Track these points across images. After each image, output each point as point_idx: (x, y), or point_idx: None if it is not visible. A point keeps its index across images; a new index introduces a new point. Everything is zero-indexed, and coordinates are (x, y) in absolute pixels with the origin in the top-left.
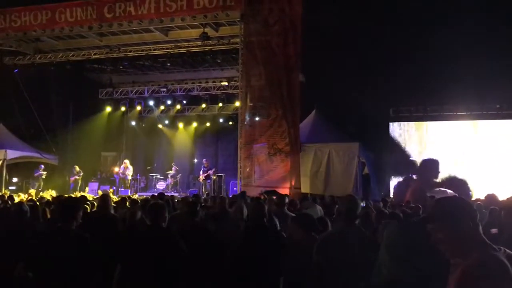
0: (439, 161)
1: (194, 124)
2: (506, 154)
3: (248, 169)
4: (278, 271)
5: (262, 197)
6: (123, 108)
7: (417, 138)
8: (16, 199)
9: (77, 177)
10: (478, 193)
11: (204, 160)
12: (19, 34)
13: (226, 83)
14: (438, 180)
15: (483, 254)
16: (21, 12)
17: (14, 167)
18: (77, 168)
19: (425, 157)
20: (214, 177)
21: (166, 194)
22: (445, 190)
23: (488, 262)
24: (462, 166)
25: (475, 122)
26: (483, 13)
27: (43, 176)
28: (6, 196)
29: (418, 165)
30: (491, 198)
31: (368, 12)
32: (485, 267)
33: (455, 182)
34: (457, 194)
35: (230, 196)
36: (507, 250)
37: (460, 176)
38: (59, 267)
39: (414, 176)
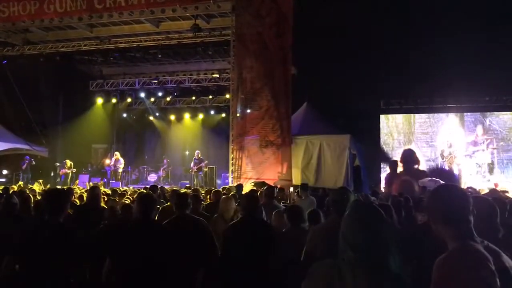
0: (413, 150)
1: (186, 116)
2: (496, 146)
3: (239, 162)
4: (267, 263)
5: (255, 188)
6: (114, 100)
7: (406, 129)
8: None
9: (67, 171)
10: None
11: (197, 151)
12: (7, 25)
13: (217, 75)
14: (426, 170)
15: (459, 244)
16: (10, 2)
17: (4, 159)
18: (68, 163)
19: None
20: (206, 169)
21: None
22: (437, 180)
23: (462, 252)
24: (449, 158)
25: (463, 115)
26: (474, 9)
27: (33, 163)
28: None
29: (400, 156)
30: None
31: (360, 5)
32: (459, 257)
33: (444, 173)
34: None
35: (221, 188)
36: (490, 244)
37: (447, 167)
38: (46, 260)
39: (399, 165)
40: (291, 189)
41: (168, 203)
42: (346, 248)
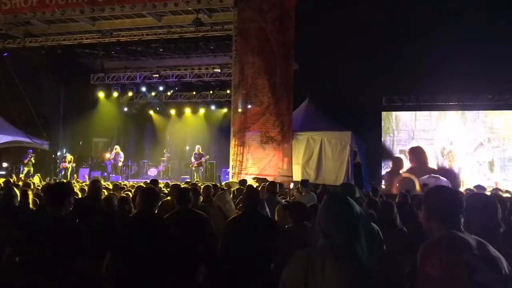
0: (422, 148)
1: (187, 111)
2: (497, 145)
3: (240, 157)
4: (269, 258)
5: (256, 184)
6: (115, 94)
7: (407, 127)
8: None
9: (67, 165)
10: (466, 184)
11: (197, 147)
12: (9, 17)
13: (219, 70)
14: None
15: (445, 232)
16: None
17: (4, 152)
18: (68, 157)
19: (413, 146)
20: (206, 164)
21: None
22: (438, 176)
23: (446, 238)
24: (449, 156)
25: (465, 113)
26: (478, 6)
27: (32, 160)
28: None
29: (408, 153)
30: None
31: (362, 2)
32: (443, 242)
33: (444, 171)
34: (449, 181)
35: (223, 183)
36: (478, 237)
37: (447, 165)
38: (47, 252)
39: (409, 164)
40: (292, 185)
41: (168, 198)
42: (319, 235)
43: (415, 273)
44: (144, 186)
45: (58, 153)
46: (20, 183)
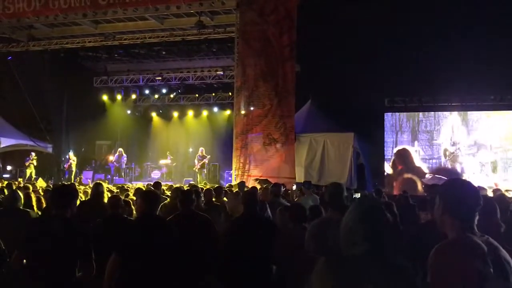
0: (407, 149)
1: (189, 113)
2: (499, 145)
3: (243, 159)
4: (269, 260)
5: (259, 185)
6: (118, 97)
7: (410, 128)
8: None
9: (72, 162)
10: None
11: (200, 149)
12: (12, 21)
13: (221, 72)
14: (426, 167)
15: (458, 235)
16: None
17: (8, 155)
18: (71, 155)
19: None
20: (209, 166)
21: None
22: (440, 177)
23: (460, 242)
24: (452, 157)
25: (467, 113)
26: (479, 6)
27: (34, 163)
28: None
29: (394, 156)
30: None
31: (363, 4)
32: (456, 246)
33: (447, 172)
34: None
35: (226, 185)
36: (490, 238)
37: (450, 166)
38: (52, 255)
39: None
40: (294, 186)
41: (168, 200)
42: (356, 241)
43: (417, 275)
44: (144, 188)
45: (63, 159)
46: (21, 185)
